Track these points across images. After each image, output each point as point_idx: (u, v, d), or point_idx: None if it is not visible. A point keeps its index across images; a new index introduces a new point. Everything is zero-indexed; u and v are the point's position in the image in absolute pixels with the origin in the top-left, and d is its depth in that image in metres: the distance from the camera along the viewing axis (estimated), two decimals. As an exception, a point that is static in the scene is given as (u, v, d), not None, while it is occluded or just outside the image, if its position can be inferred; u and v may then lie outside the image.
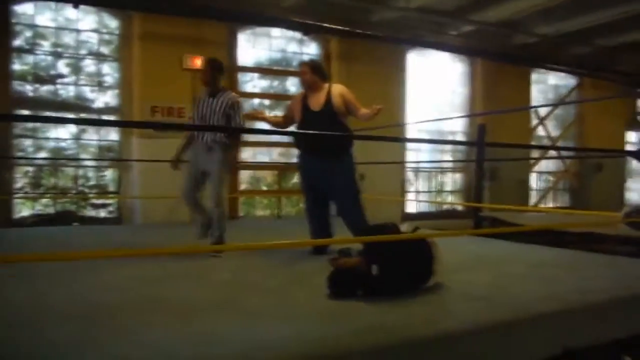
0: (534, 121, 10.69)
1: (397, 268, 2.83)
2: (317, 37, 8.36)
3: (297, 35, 8.16)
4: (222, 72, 4.41)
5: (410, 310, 2.56)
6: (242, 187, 8.21)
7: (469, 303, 2.70)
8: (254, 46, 8.23)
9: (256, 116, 4.69)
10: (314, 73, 4.18)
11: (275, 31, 8.25)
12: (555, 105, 10.98)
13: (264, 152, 8.48)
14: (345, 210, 4.21)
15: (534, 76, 10.58)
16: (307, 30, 7.82)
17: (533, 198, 10.81)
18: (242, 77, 8.14)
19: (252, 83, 8.41)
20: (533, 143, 10.42)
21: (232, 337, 2.11)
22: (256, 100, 8.41)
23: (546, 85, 11.09)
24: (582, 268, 3.78)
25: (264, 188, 8.62)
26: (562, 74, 10.88)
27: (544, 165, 11.00)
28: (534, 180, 10.85)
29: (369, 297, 2.71)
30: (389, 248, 2.85)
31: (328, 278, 2.87)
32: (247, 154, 8.12)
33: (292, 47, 8.52)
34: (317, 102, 4.19)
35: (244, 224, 7.33)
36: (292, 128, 4.49)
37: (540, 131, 10.82)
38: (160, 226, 4.70)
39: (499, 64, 9.46)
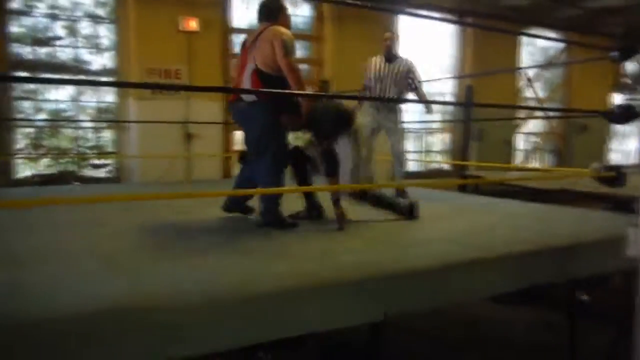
0: (522, 83, 10.93)
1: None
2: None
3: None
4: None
5: (383, 249, 2.93)
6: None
7: (443, 245, 3.04)
8: (248, 7, 8.33)
9: None
10: None
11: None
12: (541, 66, 11.20)
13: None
14: None
15: (524, 38, 10.74)
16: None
17: (518, 158, 11.16)
18: (236, 38, 8.27)
19: (246, 45, 8.48)
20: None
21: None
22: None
23: (535, 47, 11.27)
24: (551, 219, 4.13)
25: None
26: (552, 35, 11.05)
27: (531, 126, 11.31)
28: (520, 141, 11.18)
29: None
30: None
31: None
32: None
33: (285, 9, 8.61)
34: None
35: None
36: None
37: (528, 93, 11.08)
38: (157, 184, 4.98)
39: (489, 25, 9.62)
